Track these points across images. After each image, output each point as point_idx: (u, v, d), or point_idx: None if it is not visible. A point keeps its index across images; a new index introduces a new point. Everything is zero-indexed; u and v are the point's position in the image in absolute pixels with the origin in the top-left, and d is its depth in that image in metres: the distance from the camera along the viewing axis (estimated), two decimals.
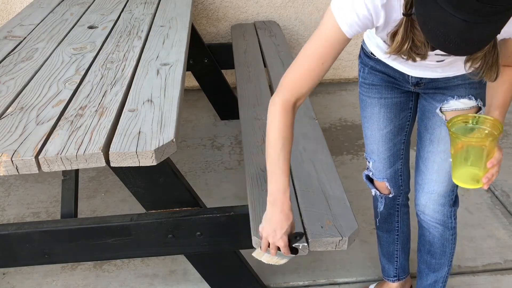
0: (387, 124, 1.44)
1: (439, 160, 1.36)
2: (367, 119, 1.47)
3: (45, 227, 1.47)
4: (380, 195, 1.59)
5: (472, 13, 0.81)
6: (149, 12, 2.21)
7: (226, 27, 3.20)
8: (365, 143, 1.52)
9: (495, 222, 2.15)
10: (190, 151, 2.72)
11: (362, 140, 2.76)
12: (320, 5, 3.16)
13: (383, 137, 1.46)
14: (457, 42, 0.86)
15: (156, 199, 1.50)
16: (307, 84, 1.13)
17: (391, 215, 1.63)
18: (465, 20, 0.82)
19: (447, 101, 1.30)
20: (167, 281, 1.92)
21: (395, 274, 1.74)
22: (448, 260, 1.54)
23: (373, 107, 1.43)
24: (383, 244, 1.71)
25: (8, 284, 1.93)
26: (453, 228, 1.48)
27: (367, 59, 1.39)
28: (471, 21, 0.82)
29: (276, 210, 1.19)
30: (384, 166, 1.50)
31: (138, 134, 1.22)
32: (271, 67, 2.34)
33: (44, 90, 1.47)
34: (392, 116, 1.43)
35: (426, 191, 1.42)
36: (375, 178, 1.55)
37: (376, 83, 1.40)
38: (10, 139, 1.20)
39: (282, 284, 1.88)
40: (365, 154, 1.54)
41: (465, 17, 0.81)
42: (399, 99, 1.41)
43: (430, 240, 1.51)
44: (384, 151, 1.48)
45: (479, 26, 0.83)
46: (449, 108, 1.31)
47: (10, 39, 1.91)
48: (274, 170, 1.17)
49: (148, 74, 1.56)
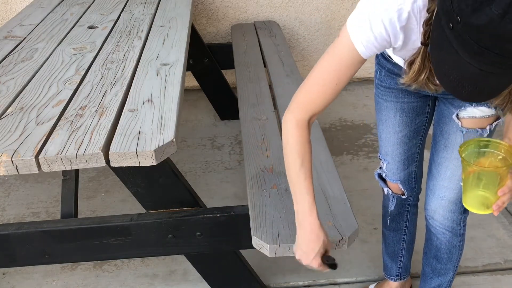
0: (402, 128, 1.41)
1: (452, 167, 1.33)
2: (382, 121, 1.44)
3: (45, 227, 1.47)
4: (392, 194, 1.57)
5: (489, 64, 0.78)
6: (149, 12, 2.21)
7: (226, 27, 3.20)
8: (380, 144, 1.51)
9: (495, 222, 2.15)
10: (190, 151, 2.72)
11: (362, 140, 2.77)
12: (320, 5, 3.16)
13: (397, 140, 1.44)
14: (470, 89, 0.83)
15: (156, 199, 1.50)
16: (320, 103, 1.10)
17: (401, 214, 1.62)
18: (482, 69, 0.79)
19: (464, 108, 1.25)
20: (167, 281, 1.92)
21: (397, 273, 1.74)
22: (453, 266, 1.52)
23: (388, 110, 1.40)
24: (388, 243, 1.70)
25: (8, 284, 1.93)
26: (461, 235, 1.45)
27: (385, 61, 1.34)
28: (487, 71, 0.79)
29: (304, 231, 1.16)
30: (398, 169, 1.49)
31: (138, 134, 1.22)
32: (271, 67, 2.34)
33: (44, 90, 1.47)
34: (408, 121, 1.40)
35: (437, 197, 1.39)
36: (388, 180, 1.53)
37: (392, 87, 1.36)
38: (10, 139, 1.20)
39: (282, 284, 1.88)
40: (379, 154, 1.53)
41: (482, 67, 0.78)
42: (415, 104, 1.37)
43: (437, 245, 1.49)
44: (399, 154, 1.46)
45: (494, 76, 0.80)
46: (466, 115, 1.25)
47: (10, 39, 1.91)
48: (296, 190, 1.15)
49: (148, 74, 1.56)
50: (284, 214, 1.38)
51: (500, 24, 0.73)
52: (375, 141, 2.74)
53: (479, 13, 0.74)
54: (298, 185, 1.14)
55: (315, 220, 1.14)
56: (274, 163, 1.61)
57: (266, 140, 1.74)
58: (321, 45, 3.29)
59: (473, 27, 0.75)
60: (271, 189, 1.49)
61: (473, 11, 0.75)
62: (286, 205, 1.42)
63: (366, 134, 2.83)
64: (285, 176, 1.54)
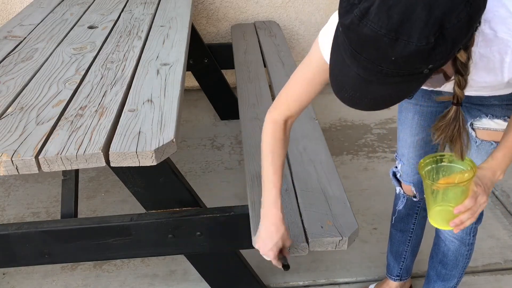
0: (419, 131, 1.40)
1: None
2: (401, 122, 1.44)
3: (45, 227, 1.47)
4: (403, 194, 1.56)
5: (363, 68, 0.77)
6: (149, 12, 2.21)
7: (226, 27, 3.20)
8: (398, 144, 1.50)
9: (495, 222, 2.15)
10: (190, 151, 2.72)
11: (362, 140, 2.77)
12: (320, 5, 3.16)
13: (414, 143, 1.43)
14: (350, 94, 0.83)
15: (156, 199, 1.50)
16: (295, 106, 1.16)
17: (409, 216, 1.61)
18: (359, 74, 0.79)
19: (480, 118, 1.22)
20: (167, 281, 1.92)
21: (398, 274, 1.74)
22: (459, 273, 1.51)
23: (407, 112, 1.40)
24: (393, 243, 1.70)
25: (8, 284, 1.93)
26: (470, 244, 1.44)
27: None
28: (364, 77, 0.79)
29: (267, 222, 1.22)
30: (412, 171, 1.48)
31: (138, 134, 1.22)
32: (271, 67, 2.34)
33: (44, 90, 1.47)
34: (426, 125, 1.39)
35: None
36: (402, 180, 1.53)
37: None
38: (10, 139, 1.20)
39: (282, 284, 1.88)
40: (396, 154, 1.52)
41: (359, 72, 0.78)
42: (435, 109, 1.36)
43: (444, 252, 1.48)
44: (414, 157, 1.45)
45: (373, 84, 0.79)
46: (481, 126, 1.23)
47: (10, 39, 1.91)
48: (265, 183, 1.21)
49: (148, 74, 1.56)
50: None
51: (358, 26, 0.74)
52: (375, 141, 2.75)
53: (348, 14, 0.76)
54: (267, 178, 1.20)
55: (277, 212, 1.20)
56: None
57: None
58: None
59: (344, 28, 0.77)
60: None
61: (345, 12, 0.77)
62: (286, 205, 1.42)
63: (366, 134, 2.83)
64: (284, 176, 1.55)
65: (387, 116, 2.99)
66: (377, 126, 2.91)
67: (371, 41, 0.74)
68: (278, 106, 1.19)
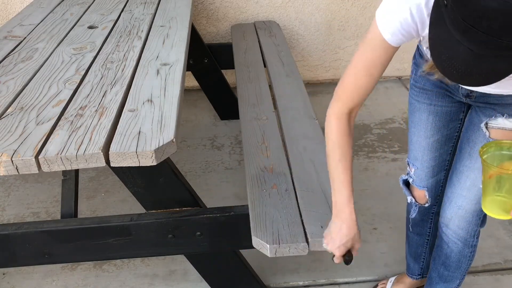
0: (434, 133, 1.38)
1: (473, 177, 1.28)
2: (414, 124, 1.40)
3: (45, 227, 1.47)
4: (415, 203, 1.53)
5: (478, 44, 0.76)
6: (149, 12, 2.21)
7: (226, 27, 3.20)
8: (409, 148, 1.46)
9: (495, 222, 2.15)
10: (190, 151, 2.72)
11: (362, 140, 2.77)
12: (320, 5, 3.16)
13: (429, 146, 1.40)
14: (461, 70, 0.81)
15: (156, 199, 1.50)
16: (357, 94, 1.12)
17: (424, 221, 1.59)
18: (471, 49, 0.78)
19: (495, 118, 1.20)
20: (167, 281, 1.92)
21: (419, 273, 1.73)
22: (461, 274, 1.50)
23: (421, 112, 1.37)
24: (411, 245, 1.68)
25: (8, 284, 1.93)
26: (473, 246, 1.42)
27: (421, 60, 1.29)
28: (477, 52, 0.77)
29: (339, 222, 1.20)
30: (426, 175, 1.45)
31: (138, 134, 1.22)
32: (271, 67, 2.34)
33: (44, 90, 1.47)
34: (441, 125, 1.36)
35: (454, 205, 1.35)
36: (415, 186, 1.49)
37: (427, 88, 1.32)
38: (10, 139, 1.20)
39: (282, 284, 1.88)
40: (408, 159, 1.48)
41: (472, 47, 0.77)
42: (449, 109, 1.34)
43: (447, 253, 1.46)
44: (429, 160, 1.42)
45: (487, 58, 0.78)
46: (496, 126, 1.21)
47: (10, 39, 1.91)
48: (335, 182, 1.18)
49: (148, 74, 1.56)
50: (284, 214, 1.38)
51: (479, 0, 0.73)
52: (375, 141, 2.75)
53: None
54: (337, 177, 1.17)
55: (351, 213, 1.18)
56: (274, 163, 1.62)
57: (266, 140, 1.74)
58: (321, 45, 3.29)
59: (460, 3, 0.76)
60: (271, 189, 1.49)
61: None
62: (286, 205, 1.42)
63: (366, 134, 2.83)
64: (284, 176, 1.55)
65: (387, 116, 2.99)
66: (377, 126, 2.91)
67: (496, 13, 0.73)
68: (340, 98, 1.14)
